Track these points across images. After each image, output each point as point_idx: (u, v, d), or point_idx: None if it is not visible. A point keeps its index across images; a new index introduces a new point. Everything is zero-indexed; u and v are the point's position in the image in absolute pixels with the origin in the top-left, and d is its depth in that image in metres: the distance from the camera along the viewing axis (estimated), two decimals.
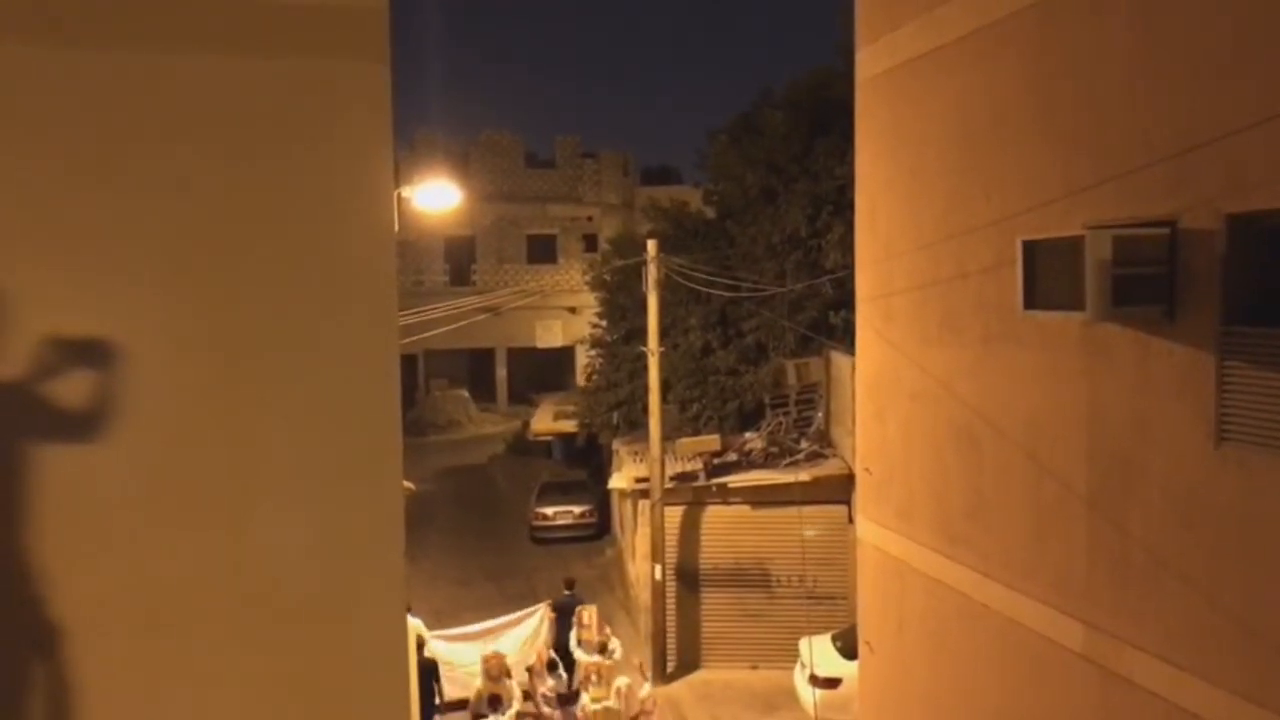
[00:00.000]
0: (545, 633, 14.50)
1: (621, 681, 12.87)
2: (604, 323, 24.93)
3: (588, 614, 14.12)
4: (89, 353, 2.36)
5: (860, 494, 10.25)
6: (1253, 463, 5.35)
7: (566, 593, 16.13)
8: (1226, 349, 5.51)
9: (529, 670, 13.38)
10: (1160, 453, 5.95)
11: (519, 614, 14.73)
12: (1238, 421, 5.45)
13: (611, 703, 12.52)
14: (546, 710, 12.51)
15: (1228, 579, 5.50)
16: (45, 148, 2.33)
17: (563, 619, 14.78)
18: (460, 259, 40.76)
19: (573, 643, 14.02)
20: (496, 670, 12.63)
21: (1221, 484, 5.53)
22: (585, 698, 12.76)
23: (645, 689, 13.18)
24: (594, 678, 12.77)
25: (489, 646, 13.49)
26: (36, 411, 2.34)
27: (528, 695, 12.65)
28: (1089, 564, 6.55)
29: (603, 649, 13.58)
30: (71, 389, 2.37)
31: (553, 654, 14.07)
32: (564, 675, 13.37)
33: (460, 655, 13.78)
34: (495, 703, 12.03)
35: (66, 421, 2.35)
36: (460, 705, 12.74)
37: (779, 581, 16.87)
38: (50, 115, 2.33)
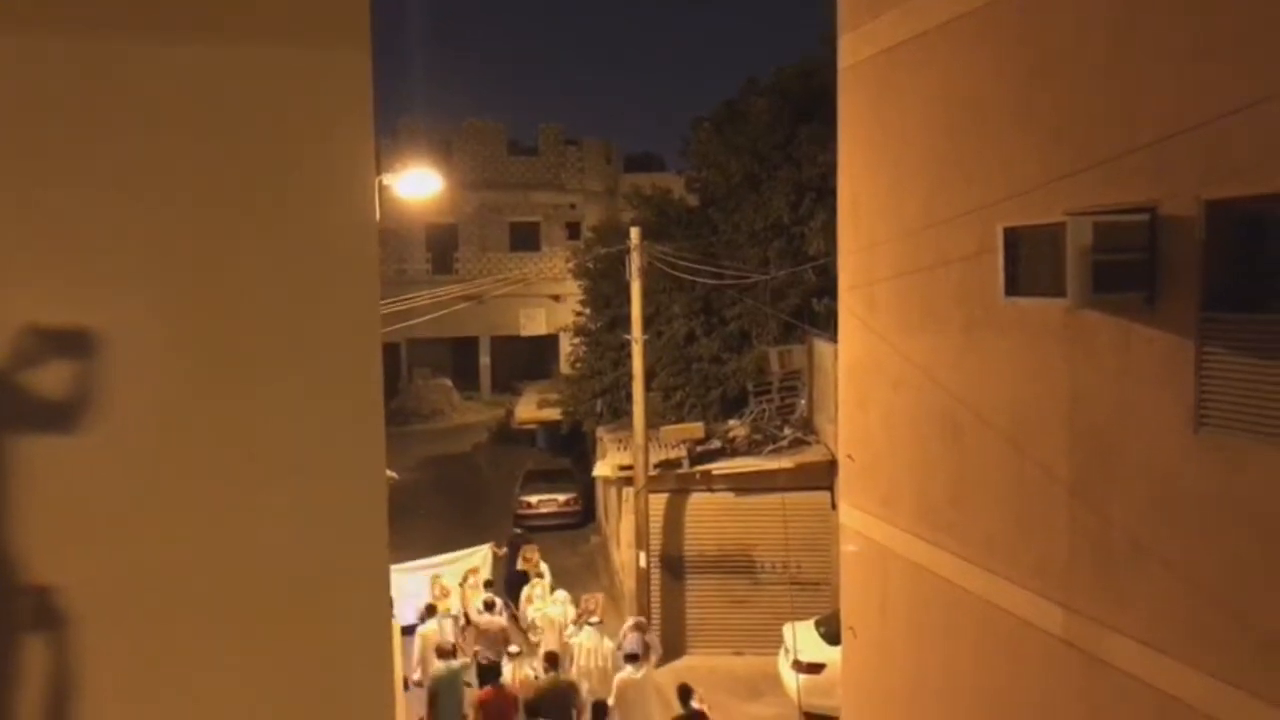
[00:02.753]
0: (488, 563, 17.45)
1: (561, 594, 15.39)
2: (587, 311, 24.89)
3: (530, 550, 17.21)
4: (70, 343, 2.34)
5: (843, 480, 10.29)
6: (1231, 447, 5.40)
7: (516, 531, 19.27)
8: (1205, 335, 5.55)
9: (461, 585, 15.92)
10: (1140, 438, 6.00)
11: (467, 550, 17.62)
12: (1216, 407, 5.50)
13: (552, 610, 14.89)
14: (473, 615, 14.78)
15: (1206, 562, 5.55)
16: (24, 138, 2.31)
17: (512, 555, 17.67)
18: (443, 247, 40.62)
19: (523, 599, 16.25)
20: (439, 592, 15.21)
21: (1200, 469, 5.58)
22: (530, 609, 15.29)
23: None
24: (534, 594, 15.63)
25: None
26: (18, 403, 2.32)
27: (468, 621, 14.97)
28: (1070, 549, 6.60)
29: (540, 575, 16.48)
30: (53, 380, 2.35)
31: (489, 578, 16.83)
32: (498, 600, 15.33)
33: (416, 585, 15.75)
34: (431, 611, 14.42)
35: (48, 413, 2.34)
36: (411, 629, 14.33)
37: (763, 568, 16.93)
38: (27, 105, 2.31)
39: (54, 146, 2.33)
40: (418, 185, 15.15)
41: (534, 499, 24.45)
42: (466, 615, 14.87)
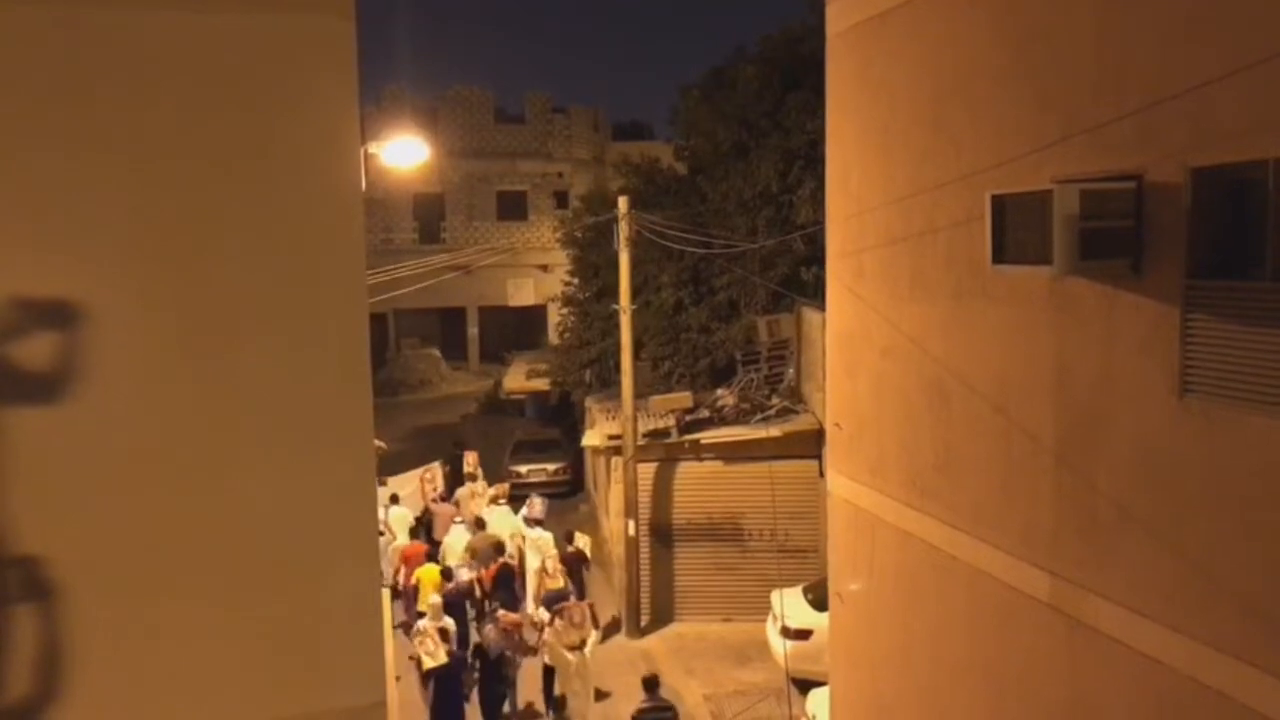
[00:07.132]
0: (438, 473, 21.41)
1: (494, 489, 19.61)
2: (576, 280, 24.85)
3: (472, 456, 21.24)
4: (50, 313, 2.33)
5: (831, 449, 10.34)
6: (1214, 414, 5.43)
7: (457, 451, 22.26)
8: (1190, 302, 5.57)
9: (422, 480, 20.58)
10: (1125, 405, 6.03)
11: (418, 470, 20.99)
12: (1201, 374, 5.53)
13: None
14: (431, 504, 19.90)
15: (1190, 528, 5.61)
16: (2, 106, 2.28)
17: (455, 469, 21.40)
18: (429, 216, 40.39)
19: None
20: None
21: (1184, 435, 5.62)
22: (474, 504, 19.14)
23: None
24: (476, 491, 19.65)
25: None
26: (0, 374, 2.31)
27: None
28: (1055, 515, 6.66)
29: (473, 479, 20.49)
30: (33, 350, 2.34)
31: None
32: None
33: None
34: (394, 500, 18.85)
35: (29, 384, 2.33)
36: None
37: (751, 535, 17.04)
38: (6, 71, 2.28)
39: (30, 114, 2.30)
40: (404, 154, 15.08)
41: (523, 469, 24.51)
42: (427, 504, 19.88)
